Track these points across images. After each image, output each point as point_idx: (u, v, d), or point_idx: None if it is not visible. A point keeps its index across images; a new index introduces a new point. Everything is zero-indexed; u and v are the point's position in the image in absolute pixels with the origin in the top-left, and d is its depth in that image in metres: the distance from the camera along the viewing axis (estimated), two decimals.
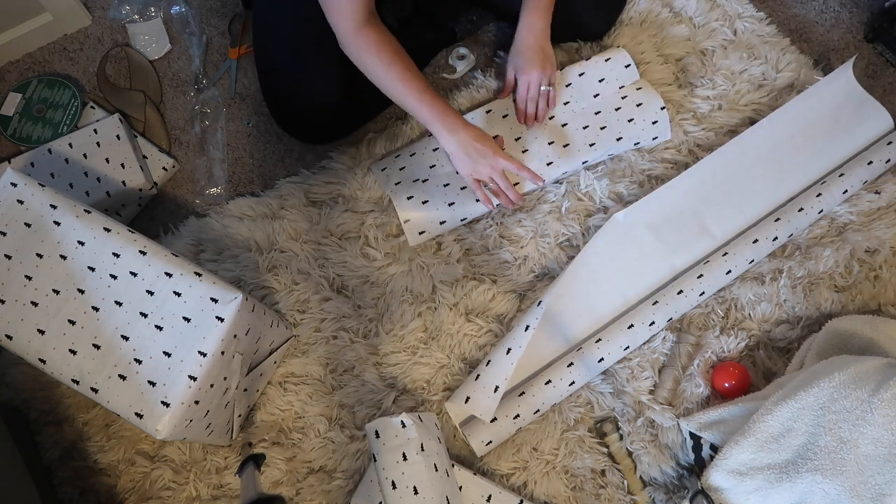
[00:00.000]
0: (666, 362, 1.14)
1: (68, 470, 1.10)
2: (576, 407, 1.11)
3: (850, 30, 1.41)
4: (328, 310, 1.18)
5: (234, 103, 1.36)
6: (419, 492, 0.91)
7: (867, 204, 1.23)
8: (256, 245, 1.22)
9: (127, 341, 0.90)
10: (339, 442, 1.11)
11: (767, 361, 1.13)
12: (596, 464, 1.09)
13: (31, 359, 0.92)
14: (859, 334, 1.07)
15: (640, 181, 1.26)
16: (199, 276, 0.92)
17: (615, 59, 1.30)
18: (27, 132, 1.30)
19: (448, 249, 1.21)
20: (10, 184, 0.96)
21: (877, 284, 1.18)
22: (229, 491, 1.09)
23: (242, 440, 1.11)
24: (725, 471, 0.99)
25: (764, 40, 1.36)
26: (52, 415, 1.13)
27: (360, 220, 1.24)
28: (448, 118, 1.11)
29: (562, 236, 1.22)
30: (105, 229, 0.94)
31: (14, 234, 0.95)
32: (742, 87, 1.32)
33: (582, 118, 1.27)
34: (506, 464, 1.09)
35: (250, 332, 0.98)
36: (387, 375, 1.14)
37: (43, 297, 0.93)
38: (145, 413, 0.88)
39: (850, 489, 0.91)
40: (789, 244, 1.20)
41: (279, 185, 1.28)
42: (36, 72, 1.38)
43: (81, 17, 1.40)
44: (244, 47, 1.39)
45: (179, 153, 1.33)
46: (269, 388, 1.14)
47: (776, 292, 1.17)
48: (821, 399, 0.95)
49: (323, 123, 1.23)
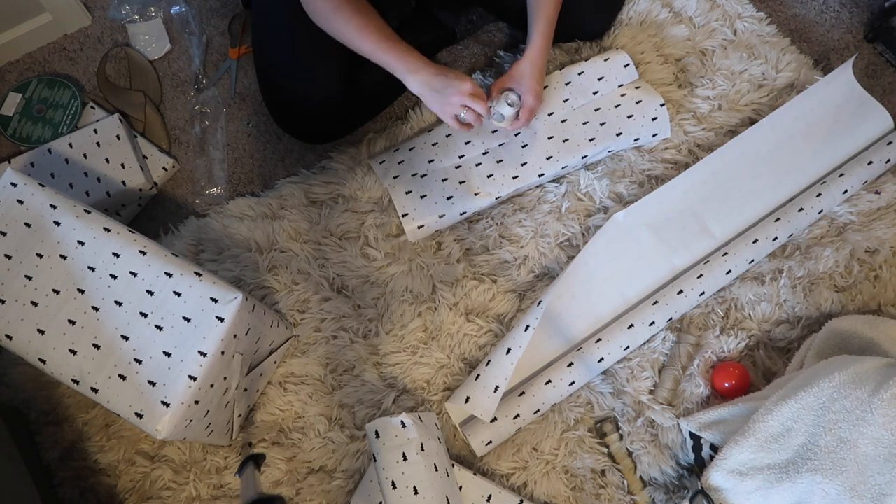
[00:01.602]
0: (666, 362, 1.14)
1: (68, 470, 1.10)
2: (576, 407, 1.11)
3: (850, 30, 1.41)
4: (328, 310, 1.18)
5: (234, 103, 1.36)
6: (419, 492, 0.91)
7: (867, 204, 1.23)
8: (256, 245, 1.23)
9: (127, 341, 0.90)
10: (339, 442, 1.11)
11: (767, 361, 1.13)
12: (596, 464, 1.09)
13: (31, 359, 0.92)
14: (859, 334, 1.07)
15: (640, 181, 1.26)
16: (199, 276, 0.92)
17: (614, 60, 1.30)
18: (27, 132, 1.30)
19: (448, 249, 1.21)
20: (10, 184, 0.96)
21: (877, 284, 1.18)
22: (229, 491, 1.09)
23: (242, 440, 1.11)
24: (725, 471, 0.99)
25: (764, 40, 1.36)
26: (52, 415, 1.13)
27: (360, 220, 1.24)
28: (408, 61, 1.10)
29: (562, 236, 1.22)
30: (105, 229, 0.94)
31: (14, 234, 0.95)
32: (742, 87, 1.32)
33: (581, 114, 1.27)
34: (506, 464, 1.09)
35: (250, 332, 0.98)
36: (387, 375, 1.14)
37: (43, 297, 0.93)
38: (145, 413, 0.88)
39: (850, 489, 0.91)
40: (789, 244, 1.20)
41: (279, 185, 1.28)
42: (36, 72, 1.38)
43: (81, 17, 1.40)
44: (244, 47, 1.39)
45: (179, 153, 1.33)
46: (269, 388, 1.14)
47: (776, 292, 1.17)
48: (821, 399, 0.95)
49: (322, 123, 1.23)
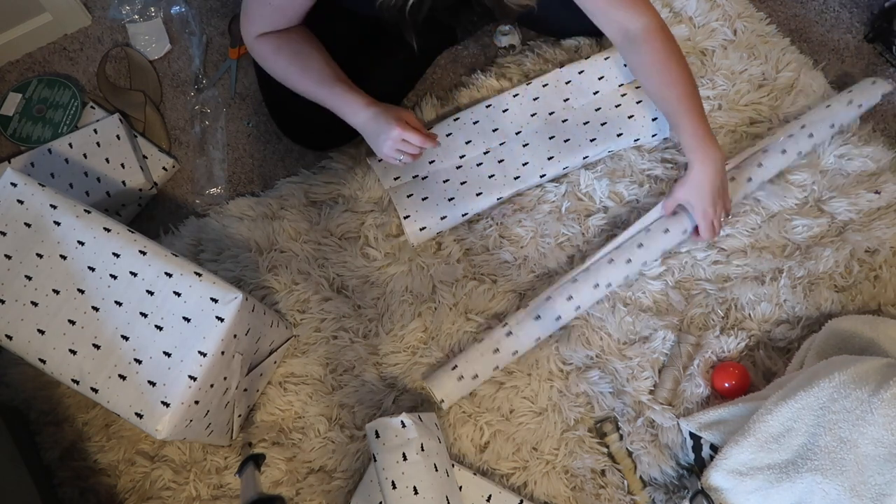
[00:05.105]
0: (666, 362, 1.14)
1: (68, 470, 1.10)
2: (576, 407, 1.11)
3: (850, 30, 1.41)
4: (328, 310, 1.18)
5: (234, 103, 1.36)
6: (419, 492, 0.91)
7: (867, 204, 1.23)
8: (256, 245, 1.23)
9: (127, 341, 0.90)
10: (339, 442, 1.11)
11: (767, 361, 1.13)
12: (596, 464, 1.09)
13: (31, 359, 0.92)
14: (859, 334, 1.07)
15: (640, 181, 1.26)
16: (199, 276, 0.92)
17: (614, 59, 1.30)
18: (27, 132, 1.30)
19: (448, 249, 1.21)
20: (10, 184, 0.96)
21: (877, 284, 1.18)
22: (229, 491, 1.09)
23: (242, 440, 1.11)
24: (725, 471, 0.99)
25: (764, 40, 1.36)
26: (52, 415, 1.13)
27: (360, 220, 1.24)
28: (349, 103, 1.09)
29: (562, 236, 1.22)
30: (105, 229, 0.94)
31: (14, 234, 0.95)
32: (742, 87, 1.32)
33: (582, 114, 1.27)
34: (506, 464, 1.09)
35: (250, 332, 0.98)
36: (387, 375, 1.14)
37: (43, 297, 0.93)
38: (145, 413, 0.88)
39: (850, 489, 0.91)
40: (789, 244, 1.20)
41: (279, 185, 1.28)
42: (36, 72, 1.38)
43: (81, 17, 1.40)
44: (244, 47, 1.39)
45: (179, 153, 1.33)
46: (269, 388, 1.14)
47: (776, 292, 1.17)
48: (821, 399, 0.95)
49: (323, 128, 1.23)
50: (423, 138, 1.08)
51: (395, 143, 1.08)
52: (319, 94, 1.10)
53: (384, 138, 1.08)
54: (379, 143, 1.09)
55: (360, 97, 1.09)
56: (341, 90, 1.09)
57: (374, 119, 1.08)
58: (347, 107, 1.09)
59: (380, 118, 1.08)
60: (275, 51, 1.09)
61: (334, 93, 1.09)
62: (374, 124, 1.08)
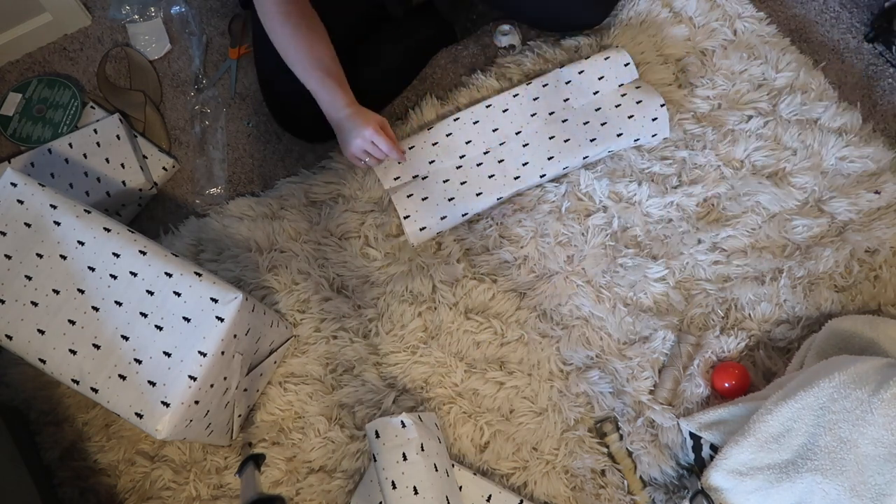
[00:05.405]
0: (666, 362, 1.14)
1: (68, 470, 1.10)
2: (576, 407, 1.11)
3: (850, 30, 1.41)
4: (328, 310, 1.18)
5: (234, 103, 1.36)
6: (419, 492, 0.91)
7: (867, 204, 1.23)
8: (256, 245, 1.23)
9: (127, 341, 0.90)
10: (339, 442, 1.11)
11: (767, 361, 1.13)
12: (596, 464, 1.09)
13: (31, 359, 0.92)
14: (859, 334, 1.07)
15: (640, 180, 1.26)
16: (199, 276, 0.92)
17: (614, 58, 1.30)
18: (27, 132, 1.30)
19: (448, 249, 1.21)
20: (10, 184, 0.96)
21: (877, 284, 1.18)
22: (229, 491, 1.09)
23: (242, 440, 1.11)
24: (725, 471, 0.99)
25: (764, 40, 1.36)
26: (52, 415, 1.13)
27: (360, 219, 1.24)
28: (334, 98, 1.11)
29: (562, 236, 1.22)
30: (105, 229, 0.94)
31: (14, 234, 0.95)
32: (742, 87, 1.32)
33: (582, 114, 1.27)
34: (506, 464, 1.09)
35: (250, 332, 0.98)
36: (387, 375, 1.14)
37: (43, 297, 0.93)
38: (145, 413, 0.88)
39: (850, 489, 0.91)
40: (789, 244, 1.20)
41: (279, 185, 1.28)
42: (36, 72, 1.38)
43: (81, 17, 1.40)
44: (244, 47, 1.39)
45: (179, 153, 1.33)
46: (269, 388, 1.14)
47: (776, 292, 1.17)
48: (821, 399, 0.95)
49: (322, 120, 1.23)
50: (391, 146, 1.12)
51: (364, 142, 1.11)
52: (311, 78, 1.11)
53: (356, 135, 1.10)
54: (350, 139, 1.12)
55: (346, 95, 1.11)
56: (332, 84, 1.11)
57: (351, 118, 1.11)
58: (331, 100, 1.11)
59: (358, 117, 1.11)
60: (284, 14, 1.09)
61: (325, 83, 1.10)
62: (350, 122, 1.11)
